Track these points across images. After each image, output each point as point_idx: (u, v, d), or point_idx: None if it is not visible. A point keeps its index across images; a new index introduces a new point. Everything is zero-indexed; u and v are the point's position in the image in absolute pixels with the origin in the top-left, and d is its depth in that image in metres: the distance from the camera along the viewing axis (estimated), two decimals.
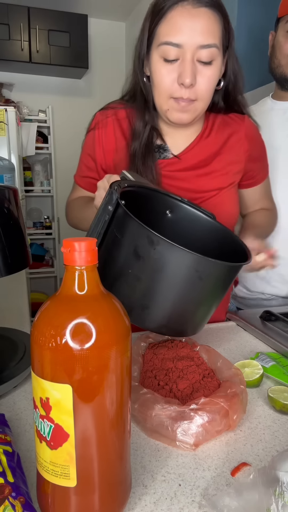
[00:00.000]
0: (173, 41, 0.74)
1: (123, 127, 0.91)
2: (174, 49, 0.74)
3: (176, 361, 0.66)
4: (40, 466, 0.40)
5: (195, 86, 0.77)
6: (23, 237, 0.71)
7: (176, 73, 0.76)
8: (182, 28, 0.73)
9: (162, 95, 0.80)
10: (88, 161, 0.97)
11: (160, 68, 0.77)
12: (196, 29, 0.73)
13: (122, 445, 0.41)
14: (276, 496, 0.41)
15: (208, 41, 0.74)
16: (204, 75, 0.77)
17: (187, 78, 0.74)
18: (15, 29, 3.13)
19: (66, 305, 0.38)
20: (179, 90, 0.77)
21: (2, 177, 1.91)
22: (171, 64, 0.76)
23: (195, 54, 0.74)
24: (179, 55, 0.75)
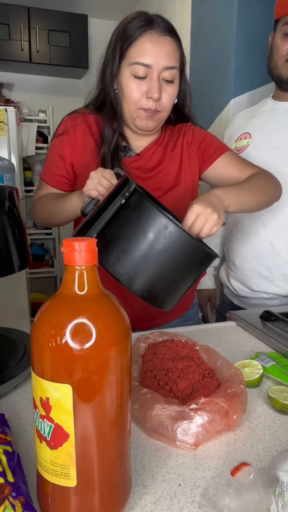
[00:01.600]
0: (143, 61, 0.88)
1: (92, 131, 1.01)
2: (143, 68, 0.89)
3: (176, 361, 0.67)
4: (40, 466, 0.40)
5: (161, 100, 0.92)
6: (23, 237, 0.71)
7: (145, 88, 0.90)
8: (150, 52, 0.88)
9: (132, 106, 0.93)
10: (57, 160, 1.02)
11: (131, 83, 0.91)
12: (162, 54, 0.89)
13: (122, 445, 0.41)
14: (276, 496, 0.41)
15: (171, 63, 0.90)
16: (167, 92, 0.92)
17: (155, 93, 0.89)
18: (15, 29, 3.13)
19: (66, 305, 0.38)
20: (147, 102, 0.91)
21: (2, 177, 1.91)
22: (140, 80, 0.90)
23: (160, 73, 0.90)
24: (148, 73, 0.89)
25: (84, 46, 3.34)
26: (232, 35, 1.74)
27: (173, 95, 0.94)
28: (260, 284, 1.23)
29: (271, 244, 1.18)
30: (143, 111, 0.92)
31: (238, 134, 1.27)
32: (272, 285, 1.21)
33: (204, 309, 1.44)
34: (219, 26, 1.85)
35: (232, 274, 1.30)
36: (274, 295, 1.24)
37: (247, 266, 1.24)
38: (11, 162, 2.21)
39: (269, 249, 1.18)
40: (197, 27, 2.11)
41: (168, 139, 1.05)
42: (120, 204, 0.69)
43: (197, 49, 2.08)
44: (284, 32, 1.10)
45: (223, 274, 1.38)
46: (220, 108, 1.87)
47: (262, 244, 1.19)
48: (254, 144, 1.21)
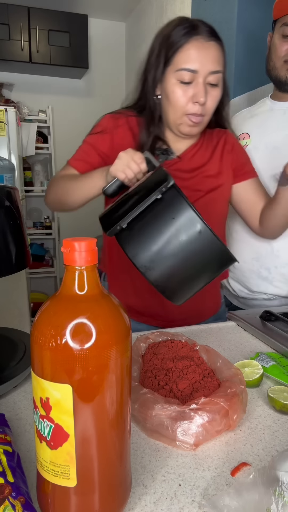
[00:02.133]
0: (190, 67, 0.89)
1: (134, 133, 1.02)
2: (190, 74, 0.90)
3: (176, 361, 0.66)
4: (40, 466, 0.40)
5: (205, 104, 0.93)
6: (23, 237, 0.71)
7: (191, 93, 0.92)
8: (197, 57, 0.89)
9: (177, 112, 0.94)
10: (91, 151, 1.02)
11: (177, 89, 0.92)
12: (208, 58, 0.90)
13: (122, 445, 0.41)
14: (276, 496, 0.41)
15: (217, 68, 0.91)
16: (212, 96, 0.94)
17: (201, 97, 0.91)
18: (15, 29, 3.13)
19: (66, 305, 0.38)
20: (193, 107, 0.93)
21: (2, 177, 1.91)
22: (186, 85, 0.91)
23: (206, 78, 0.91)
24: (193, 78, 0.91)
25: (84, 46, 3.34)
26: (232, 35, 1.74)
27: (217, 99, 0.96)
28: (260, 285, 1.23)
29: (270, 245, 1.18)
30: (187, 118, 0.94)
31: (237, 134, 1.27)
32: (272, 286, 1.21)
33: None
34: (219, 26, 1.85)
35: (231, 275, 1.30)
36: (274, 296, 1.24)
37: (246, 267, 1.23)
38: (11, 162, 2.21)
39: (268, 249, 1.19)
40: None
41: (207, 143, 1.07)
42: (156, 198, 0.71)
43: None
44: (282, 33, 1.10)
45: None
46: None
47: (261, 244, 1.19)
48: (253, 144, 1.21)
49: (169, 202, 0.71)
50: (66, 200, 0.99)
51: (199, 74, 0.90)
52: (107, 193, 0.85)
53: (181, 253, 0.71)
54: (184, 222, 0.70)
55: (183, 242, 0.70)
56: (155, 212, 0.71)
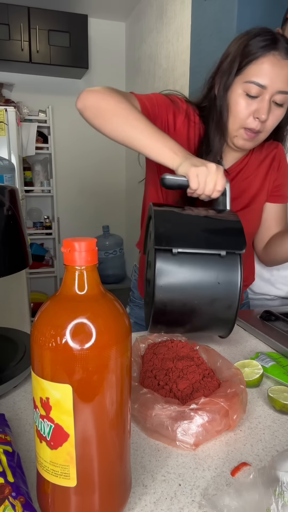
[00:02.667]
0: (260, 82, 0.86)
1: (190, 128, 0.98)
2: (258, 88, 0.87)
3: (176, 361, 0.66)
4: (40, 466, 0.40)
5: (266, 122, 0.91)
6: (23, 237, 0.71)
7: (254, 108, 0.89)
8: (270, 73, 0.86)
9: (236, 123, 0.92)
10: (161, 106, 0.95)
11: (242, 101, 0.90)
12: (280, 77, 0.87)
13: (122, 445, 0.41)
14: (276, 496, 0.41)
15: (286, 88, 0.88)
16: (275, 114, 0.91)
17: (263, 114, 0.88)
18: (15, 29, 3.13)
19: (66, 305, 0.38)
20: (253, 122, 0.90)
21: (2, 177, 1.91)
22: (251, 99, 0.89)
23: (273, 96, 0.88)
24: (260, 94, 0.88)
25: (84, 46, 3.34)
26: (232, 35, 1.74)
27: (279, 118, 0.93)
28: (262, 287, 1.23)
29: None
30: (244, 132, 0.92)
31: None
32: (274, 288, 1.21)
33: None
34: (219, 26, 1.85)
35: None
36: (275, 297, 1.24)
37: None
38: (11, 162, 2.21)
39: None
40: (197, 27, 2.11)
41: (256, 156, 1.05)
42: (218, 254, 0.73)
43: (197, 49, 2.08)
44: None
45: None
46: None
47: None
48: None
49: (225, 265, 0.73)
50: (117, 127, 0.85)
51: (267, 91, 0.87)
52: (165, 183, 0.80)
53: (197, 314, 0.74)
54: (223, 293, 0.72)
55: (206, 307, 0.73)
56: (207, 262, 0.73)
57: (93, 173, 3.91)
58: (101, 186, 3.95)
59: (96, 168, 3.90)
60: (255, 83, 0.86)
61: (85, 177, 3.90)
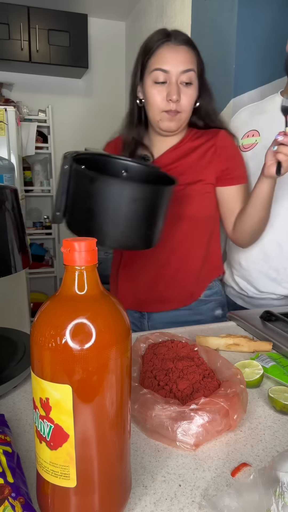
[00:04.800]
0: (162, 67, 1.00)
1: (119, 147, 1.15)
2: (162, 73, 1.00)
3: (176, 361, 0.66)
4: (40, 466, 0.40)
5: (180, 102, 1.02)
6: (23, 237, 0.71)
7: (165, 93, 1.01)
8: (168, 59, 1.00)
9: (155, 110, 1.04)
10: None
11: (153, 90, 1.03)
12: (179, 60, 1.00)
13: (122, 446, 0.41)
14: (276, 497, 0.41)
15: (188, 67, 1.00)
16: (186, 94, 1.02)
17: (173, 95, 0.99)
18: (15, 29, 3.13)
19: (66, 305, 0.38)
20: (167, 105, 1.01)
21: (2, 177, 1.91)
22: (161, 86, 1.01)
23: (178, 78, 1.00)
24: (167, 78, 1.00)
25: (84, 45, 3.34)
26: (232, 35, 1.74)
27: (192, 96, 1.03)
28: (268, 286, 1.22)
29: (279, 246, 1.17)
30: (166, 113, 1.02)
31: (244, 131, 1.24)
32: (280, 287, 1.20)
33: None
34: (219, 26, 1.85)
35: (237, 274, 1.29)
36: (282, 296, 1.23)
37: (254, 268, 1.22)
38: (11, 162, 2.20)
39: (277, 250, 1.17)
40: (197, 27, 2.11)
41: (190, 143, 1.12)
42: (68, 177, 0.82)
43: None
44: None
45: (226, 274, 1.36)
46: (220, 108, 1.86)
47: (270, 245, 1.18)
48: (263, 142, 1.19)
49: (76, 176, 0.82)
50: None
51: (171, 74, 0.99)
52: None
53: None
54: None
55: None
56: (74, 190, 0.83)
57: None
58: None
59: None
60: (158, 69, 1.00)
61: None
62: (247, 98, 1.74)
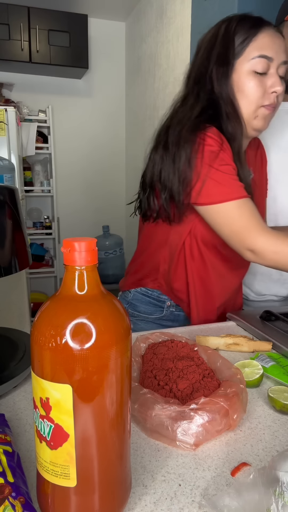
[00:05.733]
0: (267, 54, 0.86)
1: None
2: (265, 62, 0.86)
3: (176, 361, 0.66)
4: (40, 466, 0.40)
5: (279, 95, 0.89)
6: (23, 237, 0.71)
7: (266, 84, 0.88)
8: (273, 45, 0.87)
9: (252, 104, 0.90)
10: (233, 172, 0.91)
11: (252, 80, 0.88)
12: (281, 47, 0.88)
13: (122, 445, 0.41)
14: (276, 496, 0.41)
15: (286, 58, 0.89)
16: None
17: (279, 86, 0.87)
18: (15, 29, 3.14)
19: (66, 305, 0.38)
20: (269, 97, 0.89)
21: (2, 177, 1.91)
22: (261, 76, 0.88)
23: (278, 68, 0.88)
24: (267, 68, 0.88)
25: (84, 46, 3.34)
26: None
27: (283, 92, 0.91)
28: (271, 288, 1.21)
29: None
30: (264, 109, 0.90)
31: None
32: (283, 288, 1.20)
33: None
34: None
35: None
36: (284, 298, 1.22)
37: (256, 269, 1.22)
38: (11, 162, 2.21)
39: None
40: (197, 27, 2.11)
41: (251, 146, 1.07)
42: None
43: None
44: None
45: None
46: None
47: None
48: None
49: None
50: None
51: (274, 63, 0.87)
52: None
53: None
54: None
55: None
56: None
57: (93, 172, 3.91)
58: (101, 185, 3.95)
59: (96, 167, 3.90)
60: (262, 57, 0.86)
61: (85, 177, 3.90)
62: None
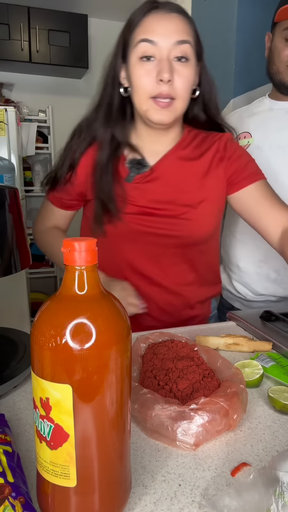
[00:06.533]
0: (149, 37, 0.79)
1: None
2: (151, 46, 0.79)
3: (176, 361, 0.66)
4: (40, 466, 0.40)
5: (173, 84, 0.80)
6: (23, 237, 0.71)
7: (155, 73, 0.80)
8: (156, 27, 0.79)
9: (142, 95, 0.83)
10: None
11: (139, 68, 0.81)
12: (170, 29, 0.79)
13: (122, 445, 0.41)
14: (276, 496, 0.41)
15: (182, 37, 0.79)
16: (181, 74, 0.81)
17: (165, 73, 0.78)
18: (15, 29, 3.14)
19: (66, 305, 0.38)
20: (158, 87, 0.80)
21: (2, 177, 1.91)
22: (149, 63, 0.80)
23: (171, 52, 0.79)
24: (156, 53, 0.79)
25: (84, 46, 3.34)
26: (232, 35, 1.74)
27: (188, 78, 0.82)
28: (268, 288, 1.21)
29: None
30: (154, 102, 0.81)
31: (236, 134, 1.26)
32: (280, 288, 1.20)
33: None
34: (219, 26, 1.85)
35: (235, 277, 1.28)
36: (281, 298, 1.22)
37: (253, 270, 1.21)
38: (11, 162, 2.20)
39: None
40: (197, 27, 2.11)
41: (193, 148, 0.93)
42: None
43: None
44: (285, 37, 1.09)
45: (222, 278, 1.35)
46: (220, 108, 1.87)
47: (269, 246, 1.18)
48: (256, 143, 1.20)
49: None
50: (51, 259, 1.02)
51: (161, 47, 0.78)
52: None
53: None
54: None
55: None
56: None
57: None
58: None
59: None
60: (145, 40, 0.79)
61: None
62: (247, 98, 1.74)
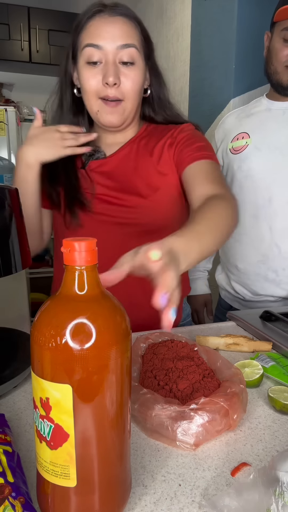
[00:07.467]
0: (93, 42, 0.81)
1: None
2: (96, 51, 0.81)
3: (176, 361, 0.66)
4: (40, 466, 0.40)
5: (120, 86, 0.83)
6: (24, 237, 0.71)
7: (101, 76, 0.82)
8: (101, 32, 0.81)
9: (90, 97, 0.85)
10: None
11: (86, 72, 0.84)
12: (114, 33, 0.81)
13: (122, 445, 0.41)
14: (276, 496, 0.41)
15: (127, 41, 0.81)
16: (128, 76, 0.83)
17: (110, 77, 0.81)
18: (15, 29, 3.14)
19: (66, 305, 0.38)
20: (104, 89, 0.83)
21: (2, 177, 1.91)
22: (95, 67, 0.83)
23: (116, 55, 0.82)
24: (102, 57, 0.82)
25: None
26: (232, 35, 1.74)
27: (136, 80, 0.84)
28: (266, 288, 1.21)
29: (277, 247, 1.16)
30: (103, 104, 0.84)
31: (233, 134, 1.25)
32: (279, 288, 1.19)
33: (200, 315, 1.41)
34: (219, 26, 1.85)
35: (233, 277, 1.28)
36: (280, 298, 1.22)
37: (251, 270, 1.21)
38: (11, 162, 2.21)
39: (275, 251, 1.16)
40: (197, 27, 2.11)
41: (149, 139, 0.93)
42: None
43: (197, 49, 2.08)
44: (283, 38, 1.09)
45: (221, 278, 1.35)
46: (220, 108, 1.87)
47: (268, 246, 1.17)
48: (254, 144, 1.20)
49: None
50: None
51: (106, 51, 0.81)
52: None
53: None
54: None
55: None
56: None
57: None
58: None
59: None
60: (90, 45, 0.81)
61: None
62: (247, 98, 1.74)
